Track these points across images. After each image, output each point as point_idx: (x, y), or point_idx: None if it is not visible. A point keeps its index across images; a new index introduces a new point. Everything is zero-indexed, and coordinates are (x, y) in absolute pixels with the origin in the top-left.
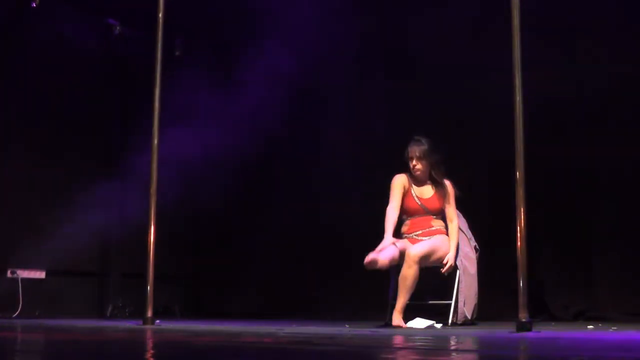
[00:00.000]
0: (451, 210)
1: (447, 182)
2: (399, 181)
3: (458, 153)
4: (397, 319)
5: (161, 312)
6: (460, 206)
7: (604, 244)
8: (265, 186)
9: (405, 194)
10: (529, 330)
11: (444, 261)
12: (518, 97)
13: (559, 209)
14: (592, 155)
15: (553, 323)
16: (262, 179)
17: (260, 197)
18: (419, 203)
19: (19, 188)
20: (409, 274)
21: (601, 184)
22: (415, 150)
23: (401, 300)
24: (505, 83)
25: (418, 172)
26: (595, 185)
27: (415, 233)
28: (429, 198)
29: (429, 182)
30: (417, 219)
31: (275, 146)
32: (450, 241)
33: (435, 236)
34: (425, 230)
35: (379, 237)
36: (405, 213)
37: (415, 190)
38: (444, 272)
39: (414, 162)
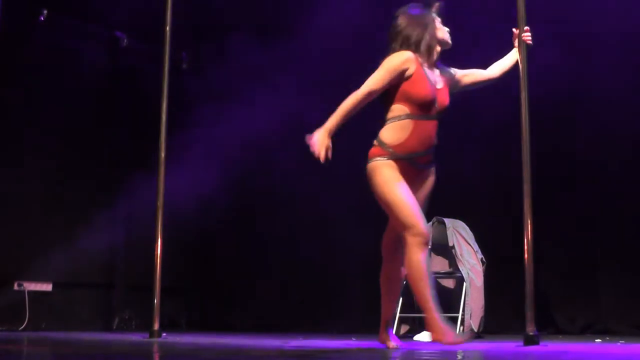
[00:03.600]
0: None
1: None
2: (401, 59)
3: (463, 166)
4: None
5: (167, 325)
6: (467, 219)
7: (610, 257)
8: (270, 201)
9: (409, 77)
10: (537, 343)
11: None
12: (525, 110)
13: (565, 221)
14: (598, 167)
15: (560, 336)
16: (267, 194)
17: (265, 211)
18: (433, 96)
19: (26, 201)
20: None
21: (607, 197)
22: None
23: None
24: (510, 92)
25: (447, 38)
26: (602, 198)
27: (416, 153)
28: (442, 89)
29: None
30: (423, 125)
31: (279, 162)
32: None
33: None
34: (429, 151)
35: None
36: (412, 106)
37: (429, 74)
38: None
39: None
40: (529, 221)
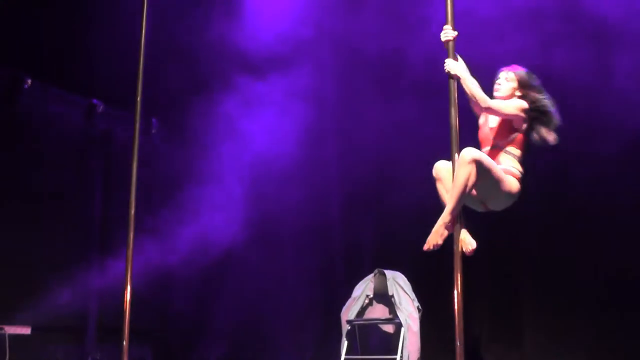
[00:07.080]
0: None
1: None
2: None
3: (402, 223)
4: (440, 229)
5: None
6: (405, 271)
7: (535, 301)
8: (231, 239)
9: None
10: None
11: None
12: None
13: (494, 272)
14: (523, 213)
15: None
16: (232, 232)
17: (226, 252)
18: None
19: (6, 252)
20: (461, 173)
21: (533, 241)
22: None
23: (449, 206)
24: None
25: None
26: (527, 249)
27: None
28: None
29: None
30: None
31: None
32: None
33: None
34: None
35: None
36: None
37: None
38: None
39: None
40: (459, 277)
